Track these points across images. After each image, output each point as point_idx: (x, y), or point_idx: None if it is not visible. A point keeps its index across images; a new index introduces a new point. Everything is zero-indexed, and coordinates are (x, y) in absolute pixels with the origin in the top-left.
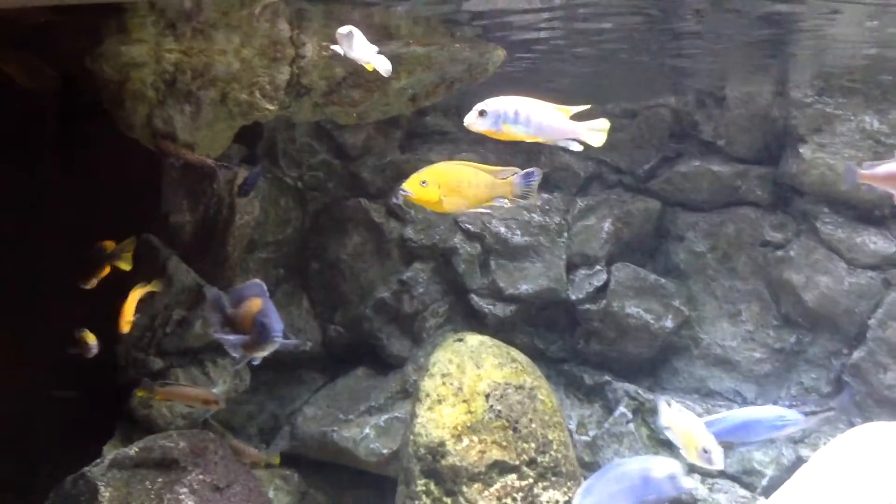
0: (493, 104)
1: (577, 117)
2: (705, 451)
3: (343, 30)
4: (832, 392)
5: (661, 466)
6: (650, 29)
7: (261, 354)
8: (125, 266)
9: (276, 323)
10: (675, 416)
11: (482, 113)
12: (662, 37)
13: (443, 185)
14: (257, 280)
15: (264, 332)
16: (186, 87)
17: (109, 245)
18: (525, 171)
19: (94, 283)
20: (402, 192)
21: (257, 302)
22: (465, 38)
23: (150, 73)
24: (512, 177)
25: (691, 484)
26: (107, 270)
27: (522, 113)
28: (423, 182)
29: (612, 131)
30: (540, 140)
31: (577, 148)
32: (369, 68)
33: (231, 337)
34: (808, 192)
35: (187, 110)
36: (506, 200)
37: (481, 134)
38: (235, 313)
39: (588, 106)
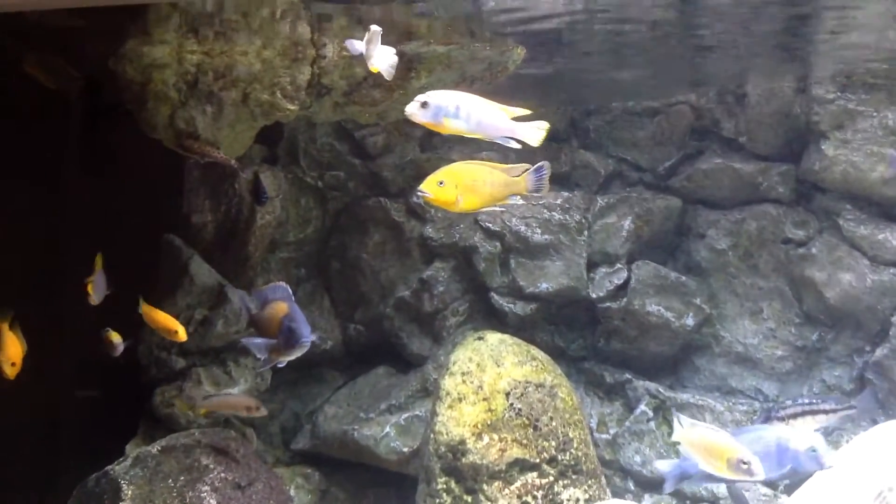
0: (435, 97)
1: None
2: (743, 463)
3: (374, 28)
4: (854, 390)
5: (800, 437)
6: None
7: (287, 358)
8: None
9: (304, 327)
10: (692, 431)
11: (424, 104)
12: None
13: (459, 185)
14: (282, 283)
15: (292, 337)
16: (208, 87)
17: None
18: (535, 166)
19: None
20: (420, 194)
21: (283, 306)
22: (485, 36)
23: (172, 74)
24: (524, 173)
25: (832, 461)
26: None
27: (464, 108)
28: (441, 182)
29: (633, 129)
30: (478, 137)
31: (515, 146)
32: (373, 70)
33: (258, 340)
34: (830, 188)
35: (209, 111)
36: (518, 197)
37: (422, 126)
38: (261, 316)
39: (529, 112)
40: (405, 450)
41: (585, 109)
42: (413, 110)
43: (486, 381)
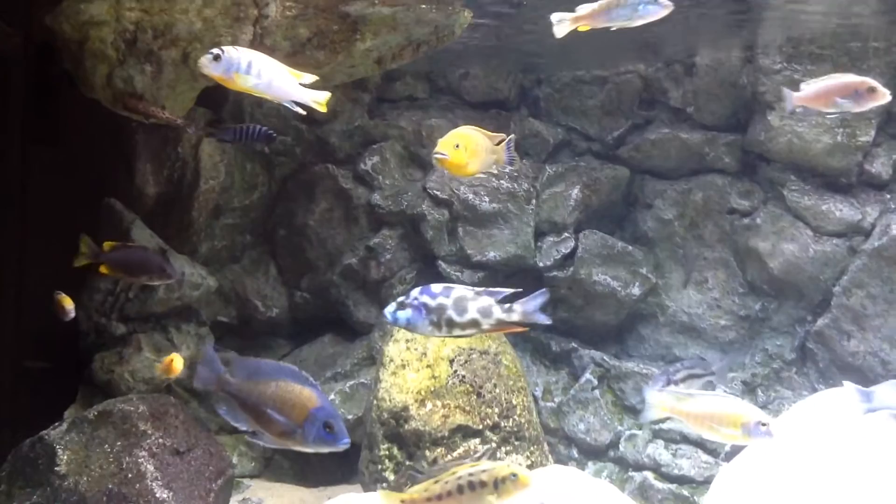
0: (229, 51)
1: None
2: (762, 425)
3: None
4: (796, 359)
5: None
6: None
7: (303, 450)
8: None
9: (340, 422)
10: (681, 400)
11: (216, 57)
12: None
13: (468, 150)
14: (291, 365)
15: (331, 436)
16: (147, 46)
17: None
18: (508, 137)
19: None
20: (438, 155)
21: (310, 394)
22: None
23: (110, 32)
24: (502, 143)
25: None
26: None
27: (255, 66)
28: (457, 145)
29: (582, 98)
30: (266, 97)
31: (300, 111)
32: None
33: (281, 419)
34: (776, 159)
35: (148, 70)
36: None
37: (214, 79)
38: (259, 393)
39: (316, 78)
40: (350, 417)
41: (535, 78)
42: (205, 62)
43: (430, 347)
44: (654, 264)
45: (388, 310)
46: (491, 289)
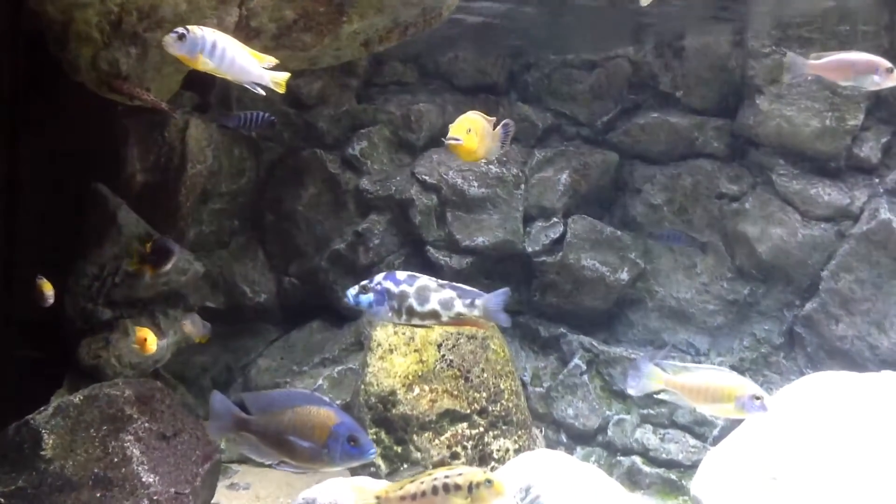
0: (193, 30)
1: None
2: (756, 398)
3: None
4: (784, 343)
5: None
6: None
7: (332, 469)
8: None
9: (363, 434)
10: (676, 373)
11: (181, 37)
12: None
13: (478, 134)
14: (303, 390)
15: (357, 449)
16: (132, 28)
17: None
18: (503, 122)
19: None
20: (451, 140)
21: (327, 413)
22: None
23: (94, 14)
24: (500, 127)
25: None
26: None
27: (220, 46)
28: (469, 130)
29: (572, 83)
30: (227, 77)
31: (261, 92)
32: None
33: (304, 444)
34: (765, 143)
35: (133, 52)
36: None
37: (177, 58)
38: (276, 423)
39: (276, 61)
40: (338, 402)
41: (525, 62)
42: (170, 41)
43: (418, 332)
44: (642, 249)
45: (350, 292)
46: (455, 283)
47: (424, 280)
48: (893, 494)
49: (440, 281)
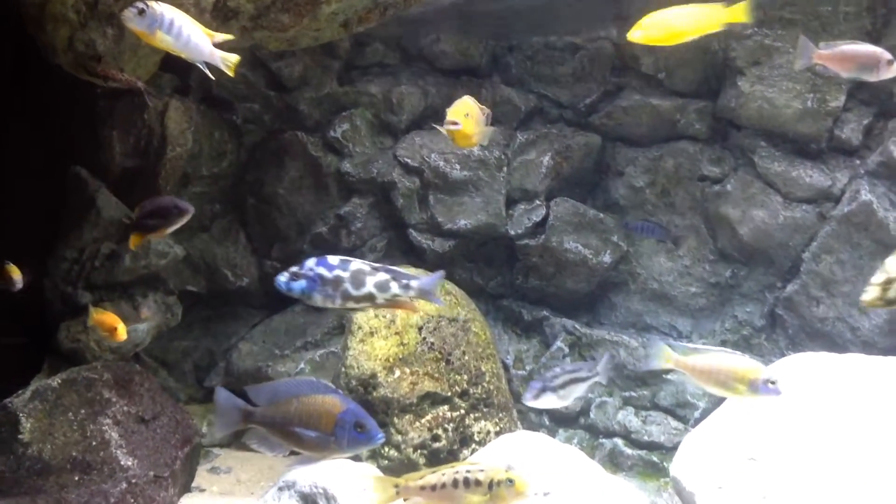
0: (153, 6)
1: None
2: (771, 382)
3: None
4: (765, 325)
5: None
6: None
7: (346, 456)
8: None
9: (369, 419)
10: (686, 354)
11: (141, 12)
12: None
13: (474, 119)
14: (307, 378)
15: (364, 435)
16: (109, 8)
17: None
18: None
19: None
20: (451, 126)
21: (332, 400)
22: None
23: None
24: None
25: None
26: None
27: (177, 24)
28: (467, 115)
29: (554, 65)
30: (181, 55)
31: (210, 75)
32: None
33: (311, 433)
34: (746, 125)
35: (110, 33)
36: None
37: (135, 33)
38: (283, 414)
39: (231, 37)
40: None
41: (507, 45)
42: (129, 16)
43: (398, 315)
44: (625, 232)
45: (281, 279)
46: (388, 266)
47: (358, 264)
48: (871, 475)
49: (374, 264)
